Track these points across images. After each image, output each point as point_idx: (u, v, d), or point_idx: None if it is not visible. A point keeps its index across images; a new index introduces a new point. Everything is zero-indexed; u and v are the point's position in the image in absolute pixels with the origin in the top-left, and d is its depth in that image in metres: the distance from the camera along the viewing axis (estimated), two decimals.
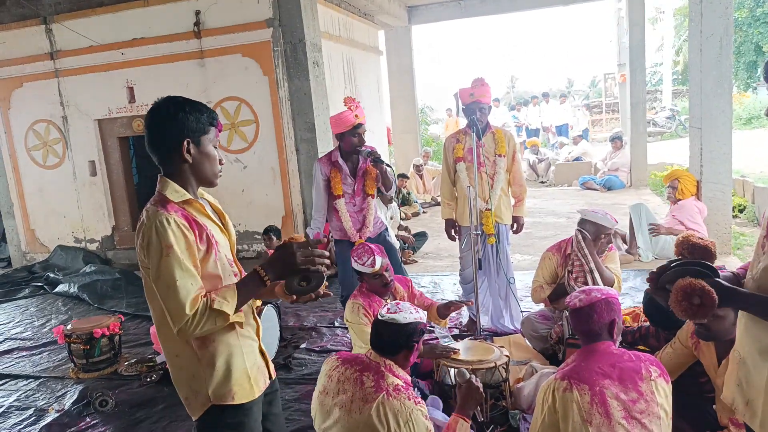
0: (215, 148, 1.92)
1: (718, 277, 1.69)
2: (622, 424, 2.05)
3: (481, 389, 2.60)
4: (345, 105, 4.08)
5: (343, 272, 4.38)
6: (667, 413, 2.16)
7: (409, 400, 2.24)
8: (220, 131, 1.93)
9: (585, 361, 2.19)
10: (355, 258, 3.38)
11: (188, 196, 1.85)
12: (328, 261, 1.83)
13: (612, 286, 3.54)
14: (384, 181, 4.20)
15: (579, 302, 2.27)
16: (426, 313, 2.54)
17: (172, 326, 1.73)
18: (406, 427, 2.18)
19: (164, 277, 1.71)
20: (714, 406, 2.73)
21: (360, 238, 4.22)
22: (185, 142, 1.82)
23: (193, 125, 1.83)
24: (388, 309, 2.43)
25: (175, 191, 1.83)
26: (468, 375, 2.66)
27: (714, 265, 1.79)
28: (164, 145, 1.84)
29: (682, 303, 1.65)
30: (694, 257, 1.86)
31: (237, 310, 1.79)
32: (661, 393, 2.15)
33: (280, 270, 1.81)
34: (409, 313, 2.40)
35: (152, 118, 1.84)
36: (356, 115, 4.04)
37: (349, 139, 4.09)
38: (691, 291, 1.63)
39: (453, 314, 4.01)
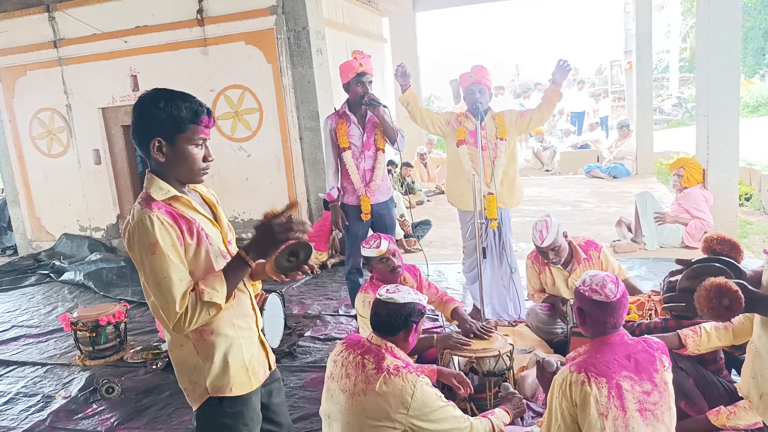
0: (199, 146, 1.82)
1: (744, 278, 1.62)
2: (636, 416, 2.04)
3: (522, 400, 2.73)
4: (352, 56, 4.10)
5: (350, 244, 4.40)
6: (671, 406, 2.15)
7: (411, 373, 2.24)
8: (208, 127, 1.82)
9: (600, 353, 2.11)
10: (364, 244, 3.43)
11: (173, 192, 1.81)
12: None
13: None
14: (385, 131, 4.15)
15: (612, 295, 2.15)
16: (426, 298, 2.54)
17: (167, 323, 1.74)
18: (414, 399, 2.18)
19: (153, 275, 1.72)
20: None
21: (367, 193, 4.22)
22: (155, 141, 1.77)
23: (165, 123, 1.75)
24: (387, 290, 2.44)
25: (159, 188, 1.80)
26: (511, 388, 2.78)
27: (740, 266, 1.70)
28: (140, 141, 1.80)
29: (712, 301, 1.56)
30: (723, 251, 1.75)
31: (228, 296, 1.79)
32: (670, 383, 2.14)
33: (263, 248, 1.78)
34: (408, 294, 2.41)
35: (132, 113, 1.80)
36: (360, 64, 4.04)
37: (354, 88, 4.10)
38: (724, 292, 1.54)
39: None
